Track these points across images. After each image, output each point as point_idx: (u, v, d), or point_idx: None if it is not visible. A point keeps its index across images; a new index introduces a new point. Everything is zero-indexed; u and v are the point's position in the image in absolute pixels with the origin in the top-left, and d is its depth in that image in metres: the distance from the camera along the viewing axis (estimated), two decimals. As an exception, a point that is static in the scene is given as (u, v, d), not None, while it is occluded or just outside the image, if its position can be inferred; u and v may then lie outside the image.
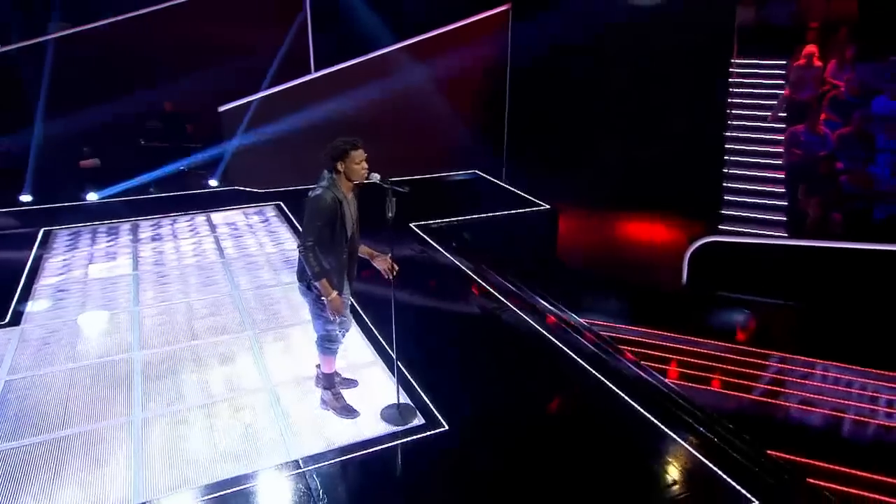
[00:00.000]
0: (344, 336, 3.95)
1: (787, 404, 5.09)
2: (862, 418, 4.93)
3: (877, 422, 4.91)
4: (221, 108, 9.32)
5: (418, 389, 4.21)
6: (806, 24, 9.97)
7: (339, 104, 9.68)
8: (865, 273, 6.90)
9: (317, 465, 3.55)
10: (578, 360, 4.71)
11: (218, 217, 7.95)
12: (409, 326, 4.29)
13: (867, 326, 6.25)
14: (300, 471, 3.52)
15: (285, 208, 8.19)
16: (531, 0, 10.76)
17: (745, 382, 5.38)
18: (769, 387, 5.33)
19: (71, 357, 4.66)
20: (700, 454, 3.73)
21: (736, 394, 5.20)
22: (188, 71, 9.33)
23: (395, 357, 3.91)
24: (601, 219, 8.95)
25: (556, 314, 5.50)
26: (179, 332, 5.04)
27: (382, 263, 3.77)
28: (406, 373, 4.31)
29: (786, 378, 5.48)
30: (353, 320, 4.08)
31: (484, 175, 10.17)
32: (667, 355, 5.76)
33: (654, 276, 7.57)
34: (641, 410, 4.12)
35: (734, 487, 3.47)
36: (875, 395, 5.26)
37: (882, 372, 5.50)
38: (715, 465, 3.64)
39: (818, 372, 5.57)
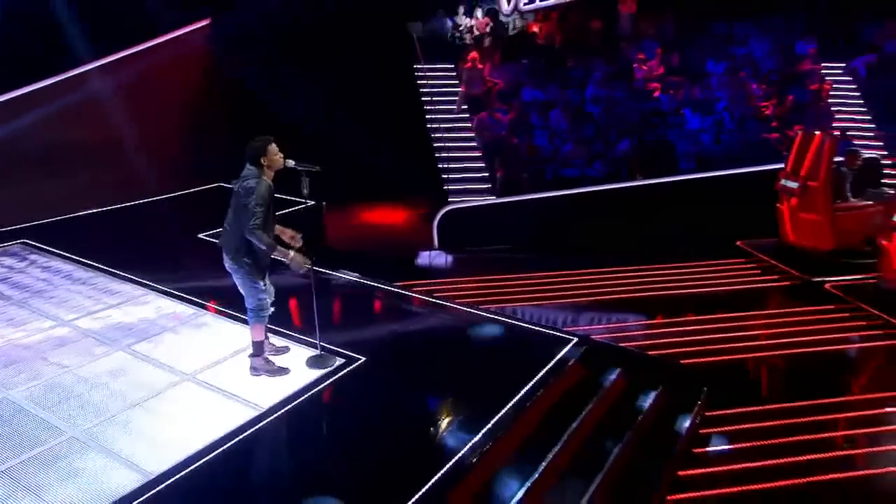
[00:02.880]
0: (271, 304, 4.74)
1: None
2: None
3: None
4: None
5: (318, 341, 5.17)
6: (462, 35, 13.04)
7: (37, 129, 9.15)
8: (545, 216, 9.95)
9: (277, 414, 4.36)
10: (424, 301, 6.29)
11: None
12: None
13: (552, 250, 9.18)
14: (268, 420, 4.29)
15: (36, 243, 7.65)
16: (230, 12, 11.51)
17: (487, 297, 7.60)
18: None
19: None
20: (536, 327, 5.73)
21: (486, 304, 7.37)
22: None
23: (314, 308, 4.84)
24: (349, 213, 10.43)
25: (379, 283, 6.88)
26: (38, 367, 4.91)
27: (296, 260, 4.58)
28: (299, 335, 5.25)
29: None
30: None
31: (228, 186, 10.65)
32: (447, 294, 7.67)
33: (413, 246, 9.50)
34: (483, 315, 5.92)
35: (563, 336, 5.51)
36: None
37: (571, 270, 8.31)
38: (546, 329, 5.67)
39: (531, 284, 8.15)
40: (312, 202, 4.88)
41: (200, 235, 7.80)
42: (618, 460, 4.49)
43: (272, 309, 4.78)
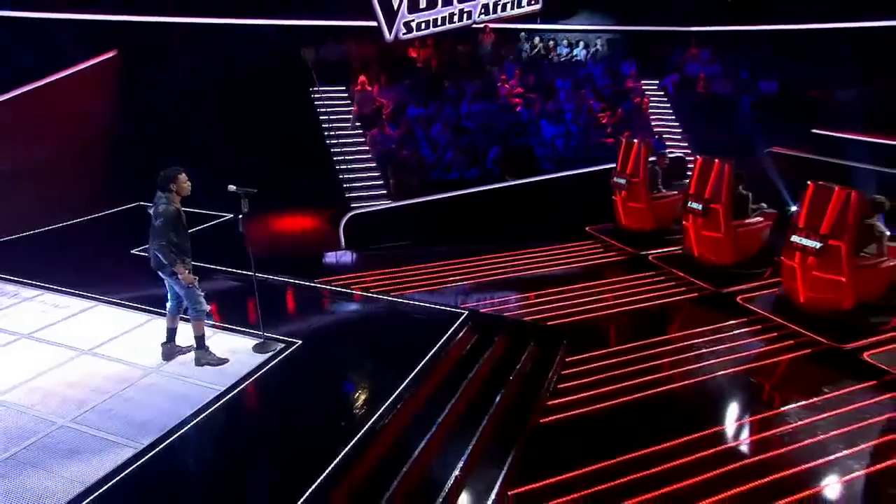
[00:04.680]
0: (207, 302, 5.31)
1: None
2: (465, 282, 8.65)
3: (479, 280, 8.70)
4: None
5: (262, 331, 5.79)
6: (351, 61, 13.67)
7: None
8: (434, 215, 10.93)
9: (236, 391, 4.99)
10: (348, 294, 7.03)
11: None
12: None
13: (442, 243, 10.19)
14: (227, 398, 4.91)
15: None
16: (137, 46, 11.46)
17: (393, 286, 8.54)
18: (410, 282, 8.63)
19: None
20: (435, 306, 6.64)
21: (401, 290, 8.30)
22: None
23: (256, 296, 5.46)
24: (264, 223, 10.76)
25: (304, 281, 7.52)
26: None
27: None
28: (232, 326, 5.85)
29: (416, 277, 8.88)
30: None
31: (147, 204, 10.66)
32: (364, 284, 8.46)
33: (324, 247, 10.14)
34: (401, 300, 6.75)
35: (456, 311, 6.47)
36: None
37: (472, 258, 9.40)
38: (442, 306, 6.61)
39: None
40: (242, 216, 5.42)
41: (133, 251, 8.02)
42: (503, 399, 5.53)
43: (209, 307, 5.34)
